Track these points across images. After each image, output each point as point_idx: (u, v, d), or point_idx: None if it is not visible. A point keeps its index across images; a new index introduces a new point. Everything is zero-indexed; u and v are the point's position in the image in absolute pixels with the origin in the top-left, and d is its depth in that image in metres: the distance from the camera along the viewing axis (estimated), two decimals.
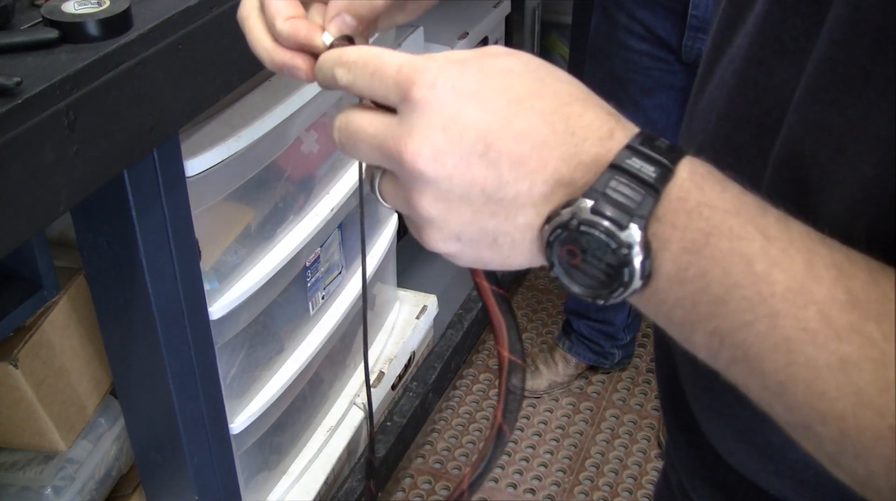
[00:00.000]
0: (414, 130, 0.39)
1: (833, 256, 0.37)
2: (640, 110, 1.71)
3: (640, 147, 0.39)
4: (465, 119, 0.39)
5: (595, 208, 0.38)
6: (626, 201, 0.38)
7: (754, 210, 0.38)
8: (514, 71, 0.40)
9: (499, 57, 0.41)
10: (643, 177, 0.38)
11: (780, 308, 0.36)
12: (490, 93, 0.39)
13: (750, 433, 0.54)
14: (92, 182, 0.82)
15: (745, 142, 0.49)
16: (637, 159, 0.38)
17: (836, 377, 0.35)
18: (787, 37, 0.46)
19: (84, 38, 0.81)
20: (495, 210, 0.40)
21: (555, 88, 0.40)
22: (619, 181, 0.38)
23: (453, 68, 0.40)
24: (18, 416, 1.12)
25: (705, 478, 0.62)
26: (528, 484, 1.87)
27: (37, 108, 0.73)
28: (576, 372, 2.09)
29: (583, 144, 0.39)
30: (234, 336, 1.25)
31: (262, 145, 1.18)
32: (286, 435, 1.49)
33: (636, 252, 0.38)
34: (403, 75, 0.40)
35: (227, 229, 1.22)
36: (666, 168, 0.38)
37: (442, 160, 0.39)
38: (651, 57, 1.64)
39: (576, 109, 0.40)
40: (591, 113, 0.40)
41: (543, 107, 0.39)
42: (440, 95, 0.39)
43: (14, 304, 0.98)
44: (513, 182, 0.39)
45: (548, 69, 0.41)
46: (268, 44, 0.49)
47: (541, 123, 0.39)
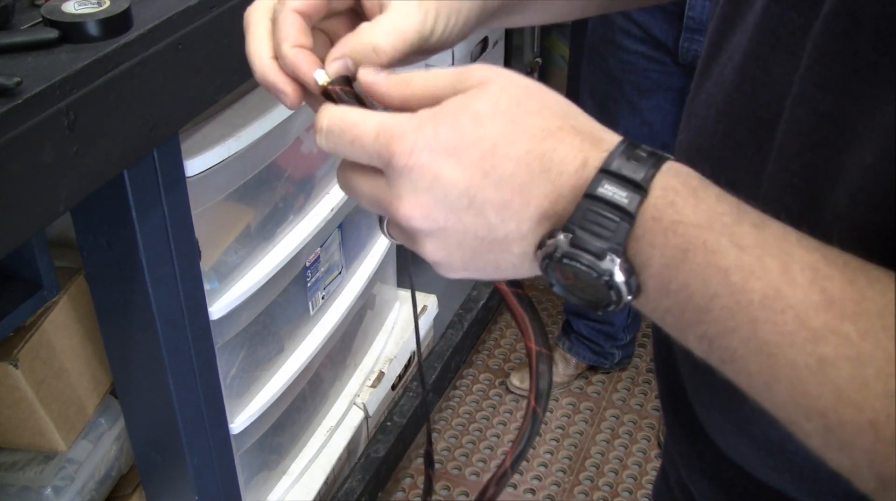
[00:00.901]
0: (402, 194, 0.42)
1: (809, 257, 0.38)
2: (637, 111, 1.71)
3: (615, 169, 0.40)
4: (446, 178, 0.41)
5: (573, 241, 0.41)
6: (602, 231, 0.40)
7: (728, 220, 0.39)
8: (484, 116, 0.42)
9: (469, 97, 0.42)
10: (616, 203, 0.40)
11: (758, 315, 0.38)
12: (465, 147, 0.41)
13: (749, 427, 0.54)
14: (92, 182, 0.82)
15: (744, 137, 0.50)
16: (610, 185, 0.40)
17: (816, 376, 0.37)
18: (783, 31, 0.46)
19: (84, 38, 0.81)
20: (491, 247, 0.43)
21: (527, 126, 0.42)
22: (595, 211, 0.40)
23: (427, 130, 0.41)
24: (18, 416, 1.12)
25: (705, 473, 0.62)
26: (528, 484, 1.87)
27: (37, 108, 0.73)
28: (576, 372, 2.09)
29: (560, 179, 0.41)
30: (234, 336, 1.25)
31: (262, 145, 1.18)
32: (286, 435, 1.49)
33: (617, 276, 0.40)
34: (381, 144, 0.42)
35: (227, 229, 1.22)
36: (640, 189, 0.40)
37: (433, 217, 0.42)
38: (647, 58, 1.64)
39: (549, 144, 0.41)
40: (563, 145, 0.41)
41: (517, 151, 0.41)
42: (419, 160, 0.41)
43: (14, 304, 0.98)
44: (500, 225, 0.42)
45: (519, 102, 0.42)
46: (265, 59, 0.50)
47: (516, 169, 0.41)
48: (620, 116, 1.73)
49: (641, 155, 0.40)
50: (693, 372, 0.57)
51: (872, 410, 0.36)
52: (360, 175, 0.45)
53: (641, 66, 1.65)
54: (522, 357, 2.17)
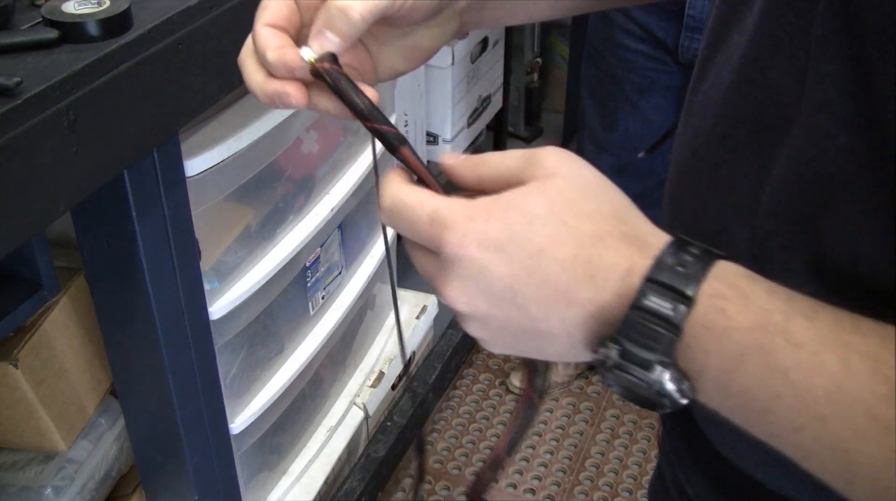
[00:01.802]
0: (449, 279, 0.44)
1: (867, 345, 0.38)
2: (637, 110, 1.71)
3: (662, 279, 0.40)
4: (492, 272, 0.42)
5: (622, 354, 0.41)
6: (650, 343, 0.40)
7: (780, 318, 0.39)
8: (537, 217, 0.42)
9: (529, 198, 0.43)
10: (663, 315, 0.40)
11: (825, 412, 0.38)
12: (513, 246, 0.42)
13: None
14: (92, 182, 0.82)
15: (744, 139, 0.50)
16: (655, 297, 0.40)
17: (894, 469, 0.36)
18: (781, 33, 0.46)
19: (84, 38, 0.81)
20: (533, 337, 0.44)
21: (576, 230, 0.42)
22: (641, 323, 0.41)
23: (479, 223, 0.43)
24: (18, 416, 1.12)
25: (701, 472, 0.62)
26: (528, 484, 1.87)
27: (37, 108, 0.73)
28: (576, 372, 2.09)
29: (605, 285, 0.41)
30: (234, 336, 1.25)
31: (262, 145, 1.18)
32: (286, 435, 1.49)
33: (668, 386, 0.41)
34: (435, 231, 0.44)
35: (227, 229, 1.22)
36: (686, 299, 0.40)
37: (476, 305, 0.43)
38: (647, 57, 1.64)
39: (596, 251, 0.42)
40: (611, 252, 0.42)
41: (564, 255, 0.42)
42: (468, 253, 0.43)
43: (14, 304, 0.98)
44: (543, 319, 0.43)
45: (574, 205, 0.43)
46: (259, 78, 0.51)
47: (562, 272, 0.42)
48: (620, 115, 1.73)
49: (688, 260, 0.41)
50: None
51: None
52: (418, 249, 0.46)
53: (641, 64, 1.65)
54: None
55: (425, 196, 0.45)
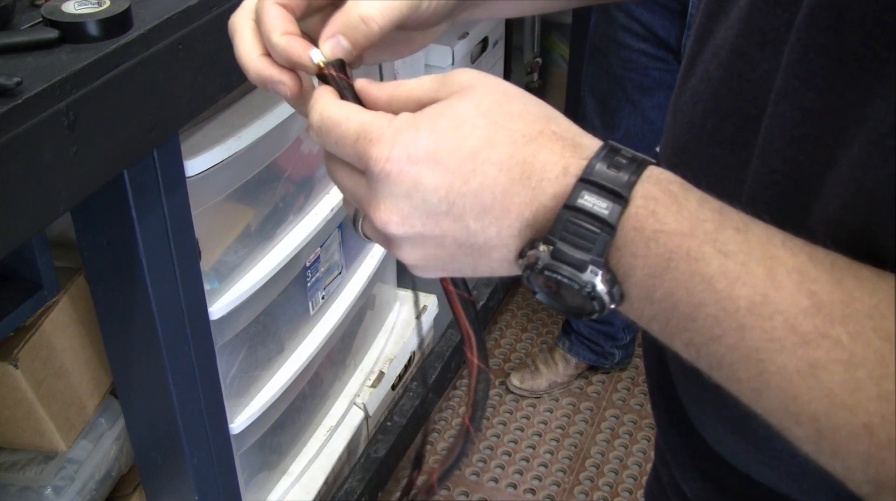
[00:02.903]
0: (379, 199, 0.42)
1: (795, 260, 0.38)
2: (638, 110, 1.71)
3: (595, 178, 0.40)
4: (424, 183, 0.41)
5: (554, 253, 0.40)
6: (583, 242, 0.40)
7: (710, 226, 0.39)
8: (465, 120, 0.41)
9: (452, 101, 0.42)
10: (596, 214, 0.39)
11: (745, 321, 0.37)
12: (445, 152, 0.41)
13: (739, 424, 0.54)
14: (92, 182, 0.82)
15: (731, 134, 0.50)
16: (590, 196, 0.39)
17: (807, 381, 0.37)
18: (768, 27, 0.46)
19: (84, 38, 0.81)
20: (469, 252, 0.42)
21: (508, 129, 0.41)
22: (575, 223, 0.40)
23: (407, 134, 0.41)
24: (18, 416, 1.12)
25: (696, 469, 0.62)
26: (528, 484, 1.87)
27: (37, 108, 0.73)
28: (576, 372, 2.09)
29: (540, 186, 0.41)
30: (234, 336, 1.25)
31: (262, 145, 1.18)
32: (286, 435, 1.49)
33: (599, 287, 0.40)
34: (361, 147, 0.42)
35: (227, 229, 1.22)
36: (620, 199, 0.39)
37: (410, 223, 0.41)
38: (649, 56, 1.64)
39: (531, 149, 0.41)
40: (545, 150, 0.41)
41: (499, 156, 0.41)
42: (397, 166, 0.41)
43: (14, 304, 0.98)
44: (480, 231, 0.41)
45: (501, 106, 0.42)
46: (255, 56, 0.49)
47: (497, 174, 0.40)
48: (622, 115, 1.73)
49: (622, 161, 0.40)
50: (683, 370, 0.57)
51: (866, 413, 0.35)
52: (343, 170, 0.44)
53: (643, 64, 1.65)
54: (522, 357, 2.17)
55: (352, 111, 0.43)
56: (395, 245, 0.43)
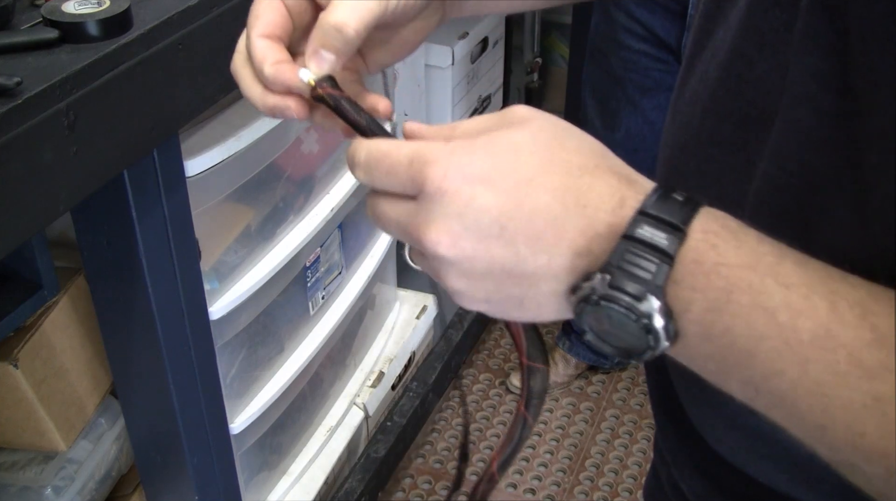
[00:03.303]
0: (431, 219, 0.41)
1: (855, 294, 0.37)
2: (639, 110, 1.71)
3: (653, 211, 0.39)
4: (478, 204, 0.40)
5: (612, 282, 0.39)
6: (642, 273, 0.39)
7: (771, 260, 0.38)
8: (522, 147, 0.41)
9: (509, 130, 0.42)
10: (656, 244, 0.39)
11: (808, 355, 0.37)
12: (500, 175, 0.41)
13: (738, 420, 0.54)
14: (92, 182, 0.82)
15: (731, 134, 0.50)
16: (649, 227, 0.39)
17: (874, 416, 0.36)
18: (767, 28, 0.46)
19: (84, 38, 0.80)
20: (518, 281, 0.42)
21: (564, 160, 0.41)
22: (634, 253, 0.39)
23: (463, 154, 0.41)
24: (18, 416, 1.12)
25: (695, 469, 0.62)
26: (528, 484, 1.87)
27: (37, 108, 0.73)
28: (576, 372, 2.09)
29: (596, 215, 0.40)
30: (234, 336, 1.25)
31: (262, 145, 1.18)
32: (286, 435, 1.49)
33: (657, 320, 0.39)
34: (415, 170, 0.42)
35: (227, 229, 1.22)
36: (679, 232, 0.39)
37: (460, 246, 0.41)
38: (650, 57, 1.64)
39: (585, 180, 0.40)
40: (601, 182, 0.41)
41: (553, 183, 0.40)
42: (453, 185, 0.41)
43: (14, 304, 0.98)
44: (531, 257, 0.41)
45: (558, 139, 0.42)
46: (258, 90, 0.50)
47: (552, 201, 0.40)
48: (622, 115, 1.73)
49: (678, 198, 0.40)
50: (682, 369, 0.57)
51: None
52: (390, 201, 0.44)
53: (644, 64, 1.65)
54: None
55: (402, 142, 0.43)
56: (444, 270, 0.43)
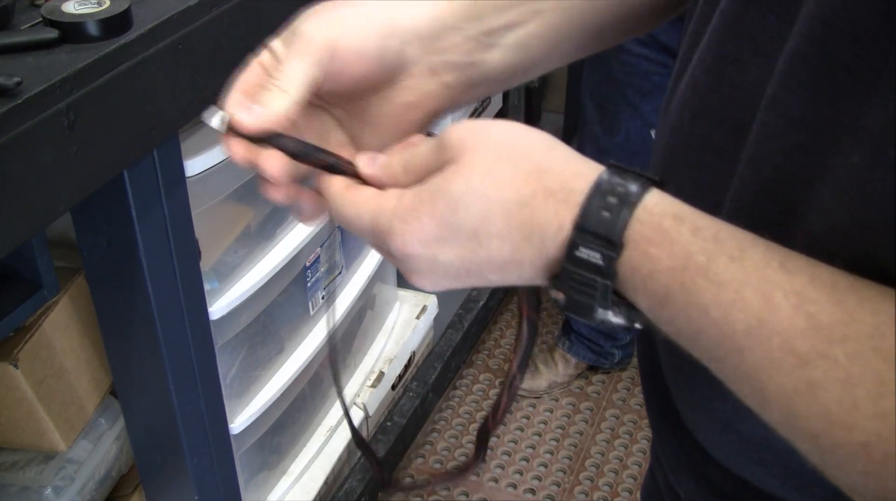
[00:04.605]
0: (408, 271, 0.48)
1: (793, 282, 0.39)
2: (638, 114, 1.71)
3: (588, 226, 0.42)
4: (442, 261, 0.46)
5: (566, 300, 0.45)
6: (588, 289, 0.44)
7: (703, 259, 0.41)
8: (460, 200, 0.44)
9: (445, 179, 0.45)
10: (594, 264, 0.43)
11: (744, 344, 0.39)
12: (449, 233, 0.45)
13: (733, 425, 0.54)
14: (92, 182, 0.82)
15: (721, 140, 0.50)
16: (585, 248, 0.43)
17: (806, 400, 0.38)
18: (761, 35, 0.46)
19: (84, 38, 0.81)
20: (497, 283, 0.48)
21: (502, 201, 0.44)
22: (577, 274, 0.43)
23: (413, 224, 0.46)
24: (18, 416, 1.12)
25: (691, 473, 0.62)
26: (528, 484, 1.87)
27: (37, 108, 0.73)
28: (576, 372, 2.09)
29: (543, 244, 0.44)
30: (234, 336, 1.25)
31: None
32: (286, 435, 1.49)
33: (615, 320, 0.44)
34: (379, 240, 0.47)
35: (227, 229, 1.22)
36: (613, 246, 0.42)
37: (441, 284, 0.48)
38: (650, 61, 1.64)
39: (526, 214, 0.44)
40: (539, 212, 0.44)
41: (498, 229, 0.44)
42: (414, 250, 0.46)
43: (14, 304, 0.98)
44: (502, 279, 0.47)
45: (490, 176, 0.45)
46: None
47: (501, 244, 0.45)
48: (622, 118, 1.73)
49: (612, 202, 0.42)
50: (676, 373, 0.57)
51: (863, 431, 0.36)
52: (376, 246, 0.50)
53: (644, 68, 1.65)
54: None
55: (360, 206, 0.48)
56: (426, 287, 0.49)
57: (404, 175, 0.48)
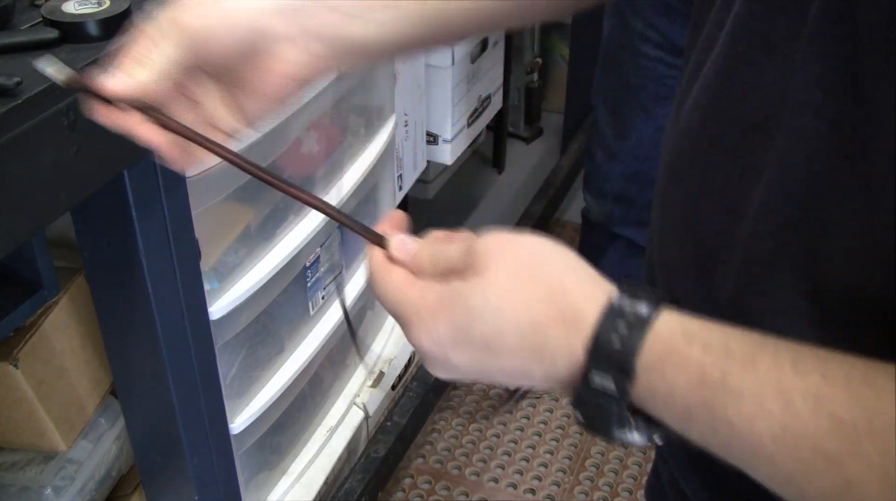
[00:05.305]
0: (423, 359, 0.50)
1: (807, 383, 0.39)
2: (651, 118, 1.70)
3: (602, 354, 0.44)
4: (453, 361, 0.48)
5: (584, 419, 0.46)
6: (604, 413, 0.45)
7: (717, 375, 0.41)
8: (476, 313, 0.46)
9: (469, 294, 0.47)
10: (607, 392, 0.44)
11: (773, 452, 0.40)
12: (462, 340, 0.47)
13: None
14: (92, 182, 0.82)
15: (734, 140, 0.50)
16: (598, 377, 0.44)
17: (846, 499, 0.38)
18: (774, 35, 0.46)
19: (84, 38, 0.80)
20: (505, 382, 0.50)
21: (515, 321, 0.46)
22: (592, 399, 0.45)
23: (430, 324, 0.48)
24: (18, 416, 1.12)
25: (696, 470, 0.62)
26: (528, 484, 1.87)
27: (37, 108, 0.73)
28: None
29: (553, 367, 0.46)
30: (234, 336, 1.25)
31: (262, 145, 1.18)
32: (286, 435, 1.49)
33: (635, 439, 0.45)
34: (400, 324, 0.50)
35: (227, 229, 1.22)
36: (627, 375, 0.43)
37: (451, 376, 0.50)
38: (666, 65, 1.63)
39: (537, 338, 0.45)
40: (550, 338, 0.45)
41: (510, 346, 0.46)
42: (429, 349, 0.49)
43: (14, 304, 0.98)
44: (513, 384, 0.50)
45: (511, 295, 0.46)
46: None
47: (512, 359, 0.47)
48: (634, 123, 1.72)
49: (623, 331, 0.43)
50: None
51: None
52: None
53: (659, 72, 1.64)
54: None
55: (390, 287, 0.50)
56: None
57: (430, 268, 0.50)
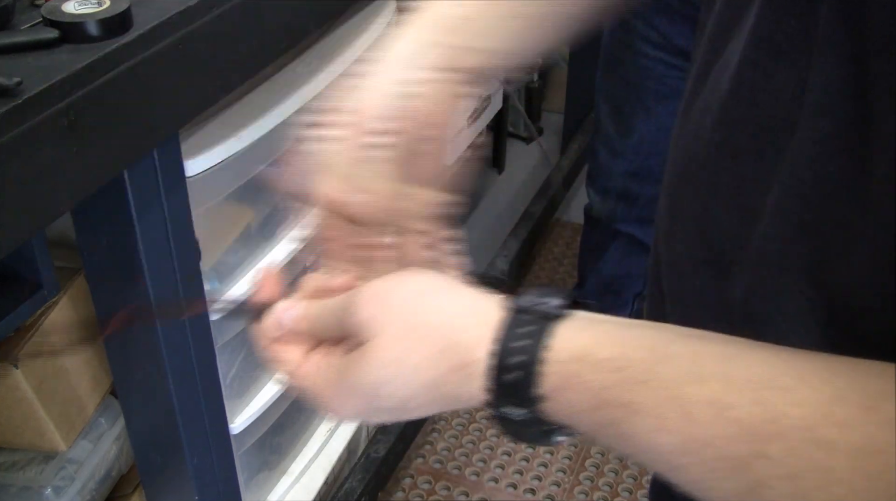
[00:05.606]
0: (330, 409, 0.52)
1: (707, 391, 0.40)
2: (653, 117, 1.70)
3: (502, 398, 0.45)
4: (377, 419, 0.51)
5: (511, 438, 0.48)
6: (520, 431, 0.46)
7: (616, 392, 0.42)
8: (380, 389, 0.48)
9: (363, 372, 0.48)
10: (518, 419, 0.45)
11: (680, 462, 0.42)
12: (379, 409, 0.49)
13: None
14: (92, 182, 0.82)
15: (745, 145, 0.49)
16: (505, 409, 0.45)
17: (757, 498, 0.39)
18: (782, 38, 0.46)
19: (84, 38, 0.80)
20: None
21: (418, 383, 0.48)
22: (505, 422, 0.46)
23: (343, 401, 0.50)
24: (18, 416, 1.11)
25: None
26: (528, 484, 1.87)
27: (37, 108, 0.73)
28: None
29: (469, 402, 0.47)
30: (234, 336, 1.25)
31: (262, 145, 1.18)
32: (286, 435, 1.49)
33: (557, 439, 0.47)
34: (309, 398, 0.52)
35: (227, 229, 1.22)
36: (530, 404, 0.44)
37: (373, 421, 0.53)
38: (667, 64, 1.64)
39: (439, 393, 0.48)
40: (449, 389, 0.47)
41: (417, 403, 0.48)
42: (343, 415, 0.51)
43: (14, 304, 0.98)
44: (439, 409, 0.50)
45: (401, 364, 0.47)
46: None
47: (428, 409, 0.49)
48: (636, 122, 1.72)
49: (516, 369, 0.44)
50: None
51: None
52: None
53: (660, 72, 1.65)
54: None
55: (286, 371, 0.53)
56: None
57: (314, 338, 0.52)
